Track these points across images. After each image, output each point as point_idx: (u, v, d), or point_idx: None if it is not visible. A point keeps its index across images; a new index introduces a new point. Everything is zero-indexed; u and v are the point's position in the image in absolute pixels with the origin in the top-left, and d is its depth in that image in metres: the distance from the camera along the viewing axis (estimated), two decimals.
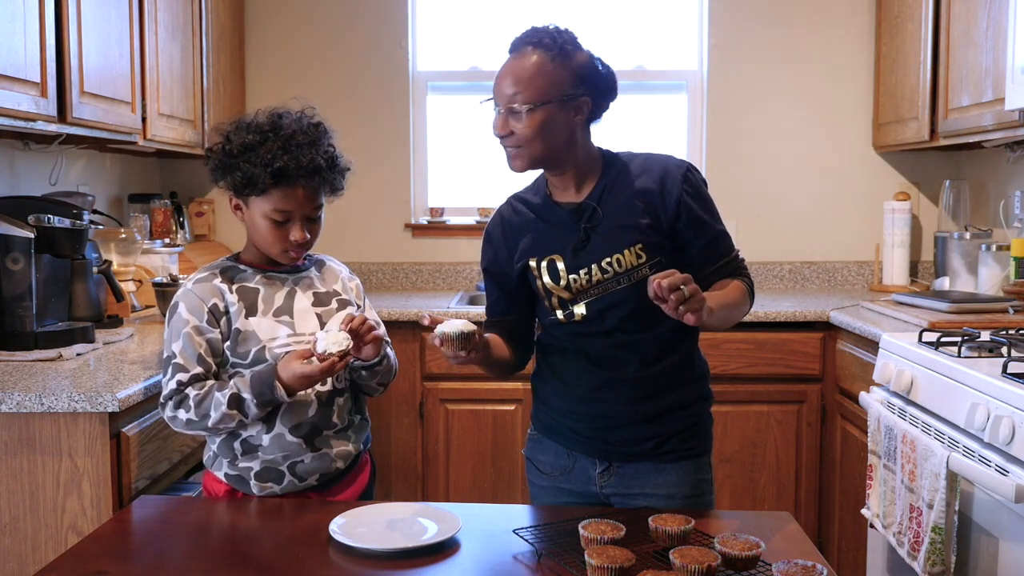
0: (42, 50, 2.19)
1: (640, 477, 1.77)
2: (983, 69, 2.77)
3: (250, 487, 1.76)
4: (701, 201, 1.75)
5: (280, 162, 1.68)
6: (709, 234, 1.75)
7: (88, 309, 2.56)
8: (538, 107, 1.66)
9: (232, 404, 1.68)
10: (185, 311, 1.74)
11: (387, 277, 3.88)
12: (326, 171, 1.74)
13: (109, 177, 3.36)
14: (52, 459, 1.87)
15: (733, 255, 1.79)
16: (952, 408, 2.07)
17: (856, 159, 3.80)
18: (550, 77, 1.67)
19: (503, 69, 1.70)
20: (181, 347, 1.72)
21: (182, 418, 1.71)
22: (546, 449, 1.86)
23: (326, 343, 1.64)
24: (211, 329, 1.74)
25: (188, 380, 1.71)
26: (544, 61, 1.67)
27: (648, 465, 1.77)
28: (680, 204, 1.72)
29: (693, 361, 1.83)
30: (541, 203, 1.80)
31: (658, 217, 1.71)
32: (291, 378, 1.67)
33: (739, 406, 3.15)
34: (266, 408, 1.71)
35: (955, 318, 2.68)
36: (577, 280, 1.73)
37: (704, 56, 3.81)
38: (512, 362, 1.84)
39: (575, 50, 1.70)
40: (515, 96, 1.66)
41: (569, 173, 1.76)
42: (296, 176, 1.70)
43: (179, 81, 3.08)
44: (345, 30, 3.83)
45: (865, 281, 3.81)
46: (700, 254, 1.75)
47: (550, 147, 1.70)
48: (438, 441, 3.22)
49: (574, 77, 1.69)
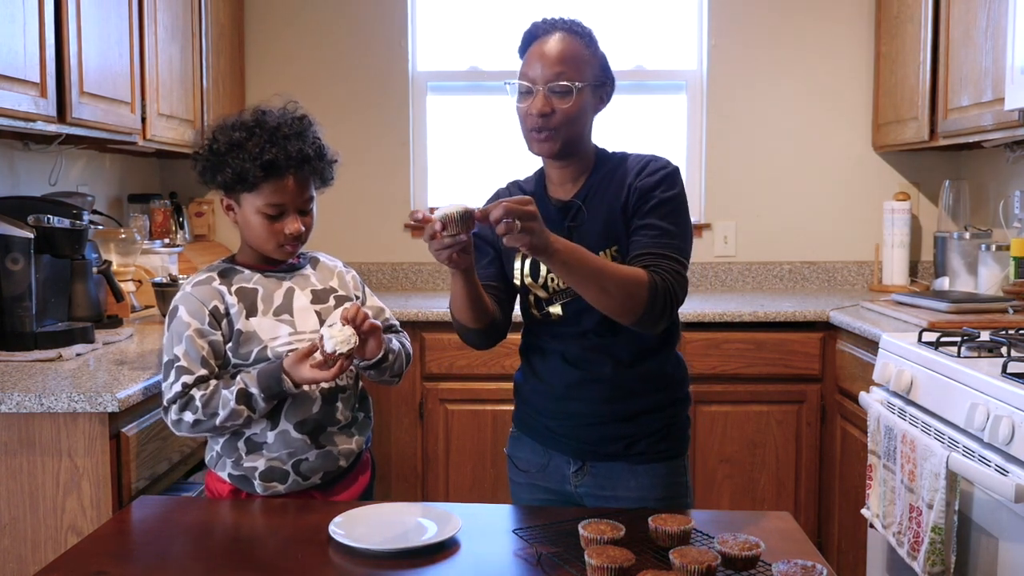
0: (42, 50, 2.19)
1: (613, 477, 1.78)
2: (983, 69, 2.77)
3: (254, 487, 1.76)
4: (654, 193, 1.68)
5: (269, 154, 1.69)
6: (646, 225, 1.67)
7: (88, 309, 2.55)
8: (583, 87, 1.69)
9: (240, 399, 1.68)
10: (186, 314, 1.73)
11: (387, 277, 3.88)
12: (315, 160, 1.76)
13: (109, 177, 3.36)
14: (52, 459, 1.87)
15: (663, 253, 1.63)
16: (952, 408, 2.07)
17: (856, 159, 3.81)
18: (589, 61, 1.71)
19: (539, 50, 1.70)
20: (184, 350, 1.71)
21: (188, 420, 1.71)
22: (524, 446, 1.88)
23: (335, 342, 1.62)
24: (213, 331, 1.74)
25: (193, 382, 1.71)
26: (581, 45, 1.71)
27: (621, 466, 1.77)
28: (631, 188, 1.70)
29: (670, 364, 1.82)
30: (535, 196, 1.80)
31: (626, 212, 1.71)
32: (299, 379, 1.68)
33: (739, 406, 3.15)
34: (272, 402, 1.71)
35: (955, 318, 2.68)
36: (555, 280, 1.74)
37: (704, 56, 3.81)
38: (493, 314, 1.75)
39: (597, 40, 1.76)
40: (560, 75, 1.67)
41: (572, 166, 1.76)
42: (286, 167, 1.71)
43: (179, 81, 3.08)
44: (345, 30, 3.83)
45: (865, 281, 3.81)
46: (633, 240, 1.68)
47: (579, 132, 1.72)
48: (438, 441, 3.22)
49: (601, 64, 1.74)
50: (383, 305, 1.97)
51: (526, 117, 1.71)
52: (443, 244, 1.48)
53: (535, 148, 1.73)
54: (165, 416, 1.74)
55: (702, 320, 3.10)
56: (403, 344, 1.90)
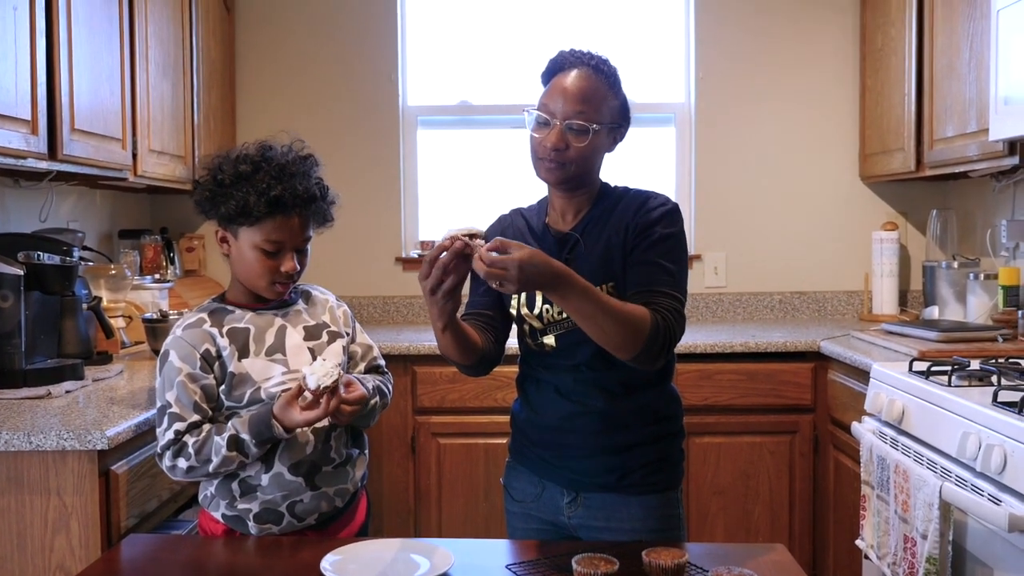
0: (33, 87, 2.21)
1: (606, 509, 1.77)
2: (967, 100, 2.81)
3: (248, 528, 1.75)
4: (655, 229, 1.69)
5: (275, 191, 1.69)
6: (646, 261, 1.68)
7: (77, 346, 2.55)
8: (599, 129, 1.69)
9: (232, 446, 1.67)
10: (177, 359, 1.72)
11: (378, 311, 3.88)
12: (320, 201, 1.76)
13: (99, 213, 3.36)
14: (40, 498, 1.85)
15: (662, 291, 1.64)
16: (943, 437, 2.07)
17: (844, 190, 3.84)
18: (610, 102, 1.72)
19: (562, 83, 1.70)
20: (176, 396, 1.70)
21: (182, 467, 1.70)
22: (519, 476, 1.88)
23: (317, 378, 1.62)
24: (205, 375, 1.73)
25: (186, 429, 1.70)
26: (604, 86, 1.72)
27: (613, 497, 1.77)
28: (629, 224, 1.71)
29: (664, 398, 1.83)
30: (536, 225, 1.82)
31: (625, 248, 1.72)
32: (291, 424, 1.67)
33: (731, 437, 3.15)
34: (265, 447, 1.70)
35: (945, 347, 2.69)
36: (550, 311, 1.74)
37: (691, 88, 3.86)
38: (483, 347, 1.76)
39: (621, 82, 1.76)
40: (580, 113, 1.68)
41: (577, 198, 1.77)
42: (292, 205, 1.71)
43: (170, 117, 3.10)
44: (335, 65, 3.86)
45: (855, 311, 3.83)
46: (631, 276, 1.69)
47: (589, 168, 1.73)
48: (430, 475, 3.20)
49: (621, 107, 1.75)
50: (372, 343, 1.96)
51: (539, 147, 1.71)
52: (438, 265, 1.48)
53: (542, 175, 1.75)
54: (160, 462, 1.73)
55: (694, 351, 3.11)
56: (383, 388, 1.88)
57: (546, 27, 3.82)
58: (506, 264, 1.45)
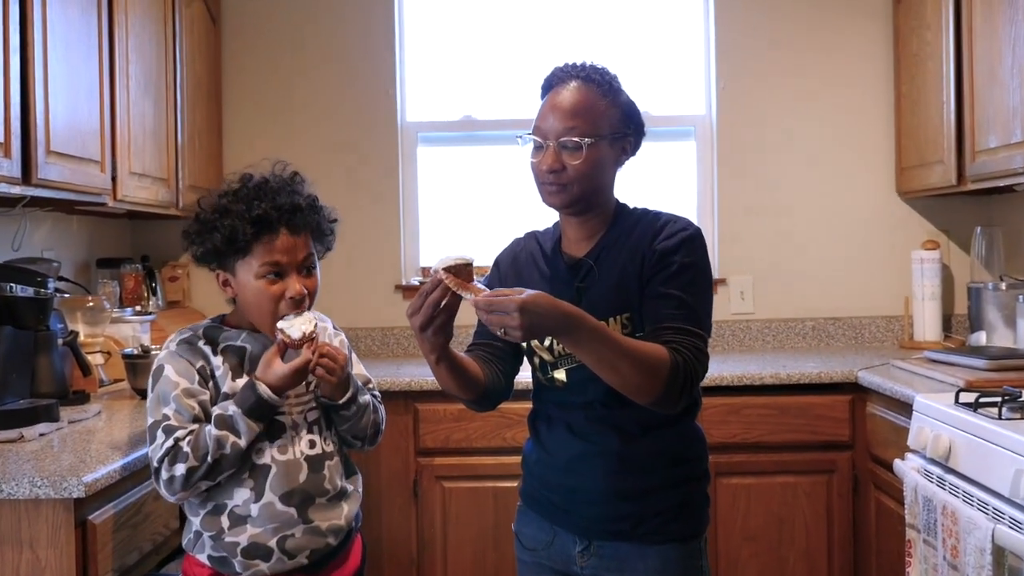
0: (6, 108, 2.22)
1: (620, 559, 1.76)
2: (1011, 109, 2.81)
3: (235, 567, 1.76)
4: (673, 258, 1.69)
5: (258, 210, 1.73)
6: (664, 295, 1.67)
7: (52, 385, 2.55)
8: (596, 142, 1.70)
9: (220, 424, 1.71)
10: (173, 373, 1.76)
11: (376, 343, 3.88)
12: (307, 211, 1.80)
13: (76, 241, 3.38)
14: (11, 551, 1.84)
15: (683, 327, 1.63)
16: (995, 475, 2.05)
17: (879, 206, 3.84)
18: (604, 112, 1.73)
19: (551, 103, 1.73)
20: (174, 409, 1.74)
21: (180, 472, 1.71)
22: (530, 521, 1.88)
23: (299, 327, 1.71)
24: (201, 391, 1.77)
25: (185, 436, 1.73)
26: (597, 96, 1.73)
27: (628, 547, 1.75)
28: (647, 252, 1.71)
29: (686, 437, 1.81)
30: (550, 251, 1.83)
31: (641, 278, 1.71)
32: (277, 379, 1.71)
33: (763, 477, 3.13)
34: (255, 420, 1.71)
35: (994, 376, 2.67)
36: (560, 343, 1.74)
37: (712, 100, 3.87)
38: (485, 380, 1.76)
39: (620, 86, 1.78)
40: (571, 130, 1.69)
41: (589, 222, 1.78)
42: (277, 220, 1.75)
43: (152, 137, 3.12)
44: (329, 80, 3.88)
45: (895, 338, 3.81)
46: (647, 310, 1.68)
47: (595, 186, 1.73)
48: (434, 522, 3.18)
49: (622, 114, 1.76)
50: (368, 376, 2.01)
51: (538, 171, 1.73)
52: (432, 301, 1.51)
53: (547, 200, 1.76)
54: (156, 481, 1.75)
55: (720, 384, 3.09)
56: (375, 404, 1.93)
57: (557, 34, 3.84)
58: (506, 307, 1.45)
